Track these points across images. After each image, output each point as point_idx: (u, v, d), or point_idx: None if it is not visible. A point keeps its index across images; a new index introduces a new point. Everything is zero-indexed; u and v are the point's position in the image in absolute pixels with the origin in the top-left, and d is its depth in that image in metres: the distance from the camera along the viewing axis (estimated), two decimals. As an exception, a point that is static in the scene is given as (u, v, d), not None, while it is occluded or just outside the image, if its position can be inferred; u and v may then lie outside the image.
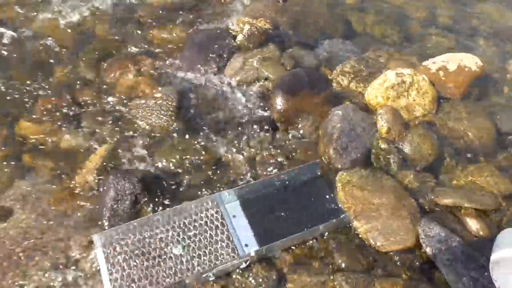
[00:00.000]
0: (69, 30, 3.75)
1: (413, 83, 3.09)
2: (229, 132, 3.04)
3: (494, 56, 3.83)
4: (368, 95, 3.12)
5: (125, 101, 3.20)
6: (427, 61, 3.36)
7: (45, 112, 3.12)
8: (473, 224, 2.51)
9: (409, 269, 2.43)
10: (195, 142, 2.97)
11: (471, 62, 3.31)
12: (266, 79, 3.32)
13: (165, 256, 2.39)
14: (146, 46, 3.67)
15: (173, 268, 2.35)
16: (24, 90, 3.24)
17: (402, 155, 2.89)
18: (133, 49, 3.61)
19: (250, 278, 2.39)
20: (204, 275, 2.32)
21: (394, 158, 2.85)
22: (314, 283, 2.40)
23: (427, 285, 2.35)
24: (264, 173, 2.81)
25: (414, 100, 3.08)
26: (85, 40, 3.70)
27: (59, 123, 3.07)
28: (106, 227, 2.52)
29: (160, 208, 2.61)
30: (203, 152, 2.90)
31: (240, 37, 3.56)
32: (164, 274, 2.32)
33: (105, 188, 2.62)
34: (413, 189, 2.74)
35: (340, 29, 3.88)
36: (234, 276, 2.41)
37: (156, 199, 2.64)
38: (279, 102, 3.06)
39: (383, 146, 2.89)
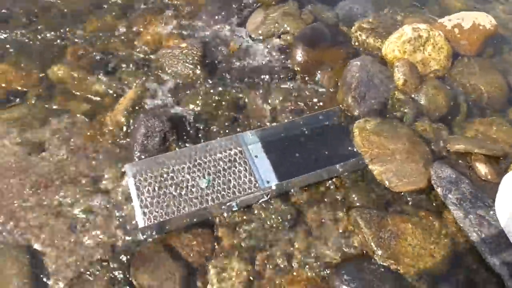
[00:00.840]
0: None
1: (429, 38, 3.19)
2: (252, 80, 3.18)
3: (507, 17, 3.91)
4: (386, 49, 3.23)
5: (152, 51, 3.35)
6: (443, 18, 3.46)
7: (75, 59, 3.27)
8: (482, 168, 2.66)
9: (420, 207, 2.59)
10: (219, 88, 3.12)
11: (485, 20, 3.40)
12: (286, 32, 3.43)
13: (191, 188, 2.57)
14: (169, 1, 3.77)
15: (199, 198, 2.53)
16: (57, 39, 3.39)
17: (417, 106, 3.01)
18: (157, 3, 3.72)
19: (271, 211, 2.56)
20: (228, 204, 2.50)
21: (409, 109, 2.97)
22: (330, 218, 2.57)
23: (436, 221, 2.51)
24: (285, 118, 2.96)
25: (429, 55, 3.19)
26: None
27: (89, 69, 3.22)
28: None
29: (187, 146, 2.77)
30: (227, 98, 3.05)
31: (261, -7, 3.67)
32: (191, 203, 2.50)
33: (135, 125, 2.79)
34: (426, 136, 2.88)
35: (359, -11, 3.97)
36: (255, 209, 2.58)
37: (183, 138, 2.81)
38: (299, 54, 3.19)
39: (399, 96, 3.01)
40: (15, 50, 3.28)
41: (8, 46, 3.30)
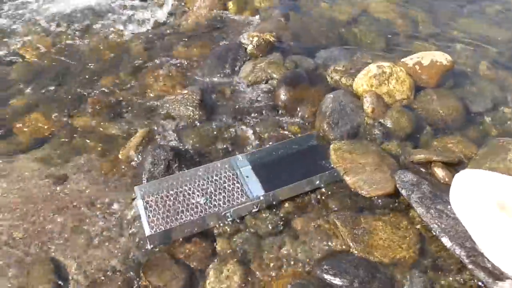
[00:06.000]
0: (112, 47, 4.62)
1: (392, 73, 3.75)
2: (242, 117, 3.72)
3: (468, 57, 4.49)
4: (355, 84, 3.79)
5: (158, 98, 3.94)
6: (405, 58, 4.04)
7: (94, 108, 3.87)
8: (440, 172, 3.10)
9: (389, 208, 2.99)
10: (215, 126, 3.64)
11: (442, 58, 3.98)
12: (271, 78, 4.03)
13: (191, 205, 3.01)
14: (174, 59, 4.44)
15: (198, 212, 2.96)
16: (78, 92, 4.04)
17: (385, 129, 3.50)
18: (163, 61, 4.39)
19: (261, 221, 2.97)
20: (223, 213, 2.92)
21: (378, 131, 3.46)
22: (312, 223, 2.97)
23: (403, 218, 2.91)
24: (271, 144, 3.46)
25: (394, 87, 3.73)
26: (123, 55, 4.52)
27: (105, 115, 3.81)
28: (145, 185, 3.16)
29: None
30: (221, 131, 3.58)
31: (250, 47, 4.33)
32: (191, 214, 2.94)
33: (144, 156, 3.29)
34: (393, 152, 3.34)
35: (334, 40, 4.63)
36: (248, 220, 2.99)
37: (185, 165, 3.29)
38: (282, 93, 3.76)
39: (369, 121, 3.52)
40: (45, 102, 3.92)
41: (40, 98, 3.97)
